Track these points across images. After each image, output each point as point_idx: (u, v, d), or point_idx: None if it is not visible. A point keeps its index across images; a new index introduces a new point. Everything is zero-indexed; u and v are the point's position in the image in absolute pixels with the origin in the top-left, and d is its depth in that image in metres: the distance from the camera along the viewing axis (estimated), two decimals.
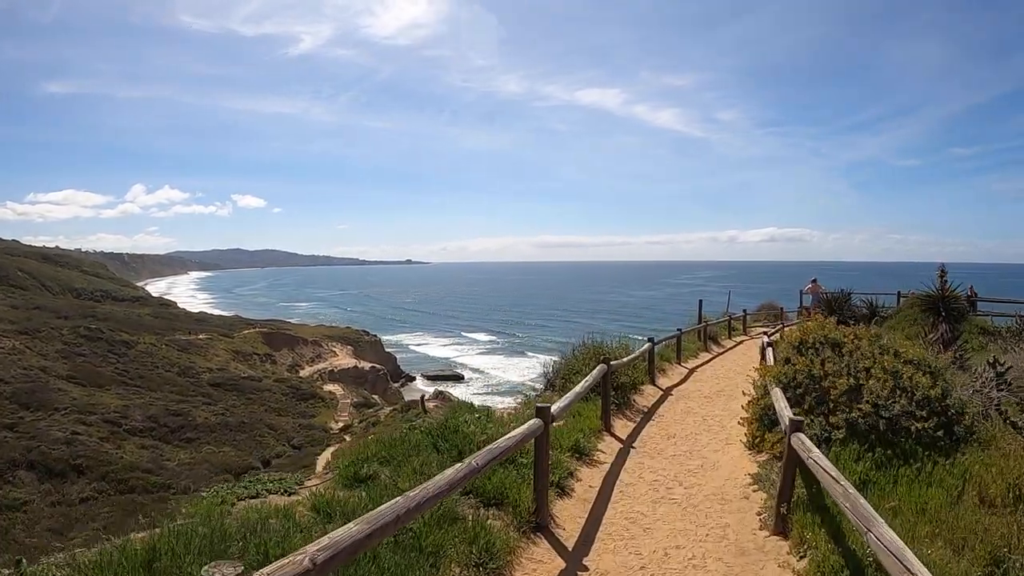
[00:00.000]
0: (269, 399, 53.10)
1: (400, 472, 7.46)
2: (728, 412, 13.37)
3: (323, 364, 67.69)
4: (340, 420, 51.28)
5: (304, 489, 7.98)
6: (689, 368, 20.46)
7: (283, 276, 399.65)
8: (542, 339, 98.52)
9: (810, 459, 5.89)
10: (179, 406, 46.98)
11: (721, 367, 21.20)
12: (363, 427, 46.66)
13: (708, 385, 17.51)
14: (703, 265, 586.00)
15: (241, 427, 45.40)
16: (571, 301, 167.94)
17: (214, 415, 46.63)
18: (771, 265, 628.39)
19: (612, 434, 11.76)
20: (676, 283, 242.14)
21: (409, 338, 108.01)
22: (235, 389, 53.24)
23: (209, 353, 61.14)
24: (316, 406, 54.11)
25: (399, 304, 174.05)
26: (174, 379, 53.49)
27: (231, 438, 43.81)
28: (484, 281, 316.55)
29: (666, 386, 16.98)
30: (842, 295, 27.90)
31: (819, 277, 33.12)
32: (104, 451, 37.67)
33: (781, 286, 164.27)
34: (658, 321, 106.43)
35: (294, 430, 47.24)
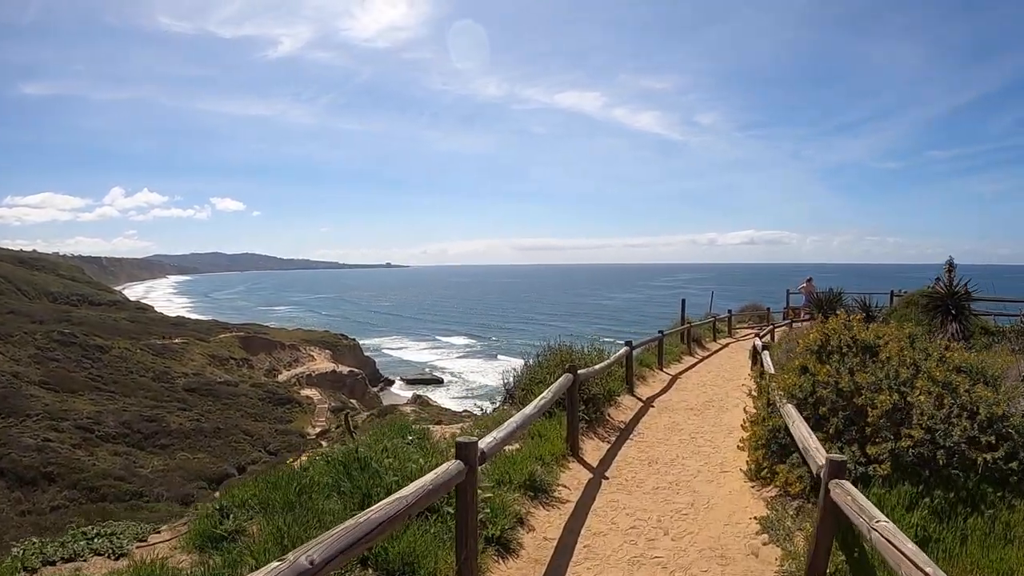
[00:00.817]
0: (245, 404, 52.05)
1: (280, 523, 5.63)
2: (720, 428, 11.87)
3: (301, 368, 66.78)
4: (317, 425, 50.55)
5: (141, 549, 5.87)
6: (672, 375, 18.61)
7: (262, 280, 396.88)
8: (522, 342, 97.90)
9: (874, 533, 3.81)
10: (153, 412, 46.07)
11: (708, 373, 19.47)
12: (340, 432, 46.12)
13: (694, 394, 15.69)
14: (683, 268, 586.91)
15: (216, 433, 44.55)
16: (551, 304, 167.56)
17: (189, 421, 45.76)
18: (751, 267, 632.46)
19: (580, 459, 9.64)
20: (656, 285, 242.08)
21: (388, 342, 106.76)
22: (211, 394, 52.18)
23: (185, 358, 60.06)
24: (293, 411, 53.28)
25: (378, 307, 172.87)
26: (149, 384, 52.50)
27: (206, 444, 42.96)
28: (464, 284, 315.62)
29: (647, 396, 15.15)
30: (833, 294, 26.59)
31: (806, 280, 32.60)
32: (76, 458, 36.82)
33: (761, 288, 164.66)
34: (637, 324, 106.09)
35: (270, 436, 46.39)
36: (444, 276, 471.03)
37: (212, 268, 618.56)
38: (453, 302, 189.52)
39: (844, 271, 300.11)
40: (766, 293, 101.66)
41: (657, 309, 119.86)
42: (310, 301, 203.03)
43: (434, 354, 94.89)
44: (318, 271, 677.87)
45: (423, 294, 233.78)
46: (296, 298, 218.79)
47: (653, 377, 17.94)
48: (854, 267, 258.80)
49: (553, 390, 8.96)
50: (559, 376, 10.00)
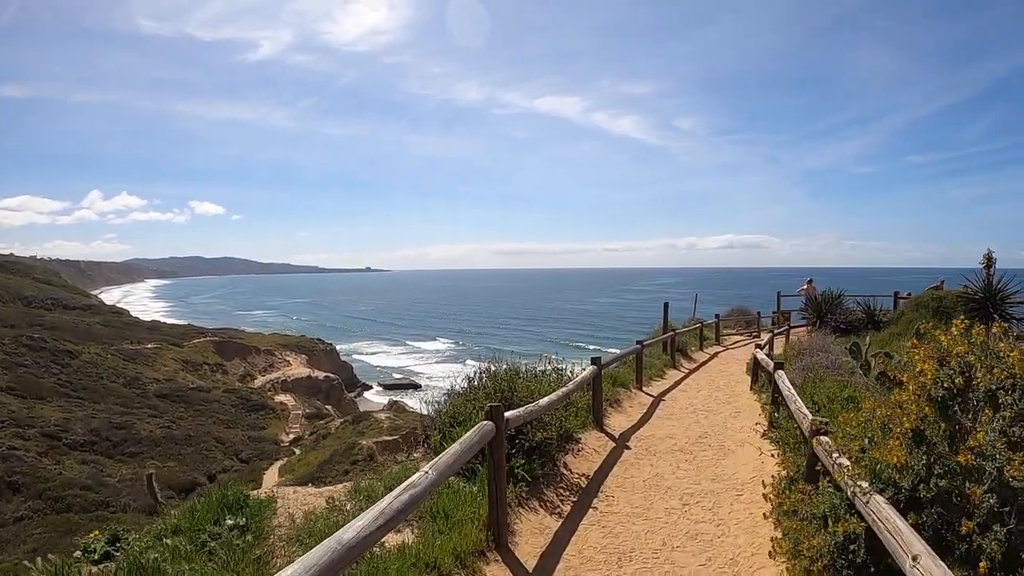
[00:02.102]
0: (218, 410, 50.93)
1: None
2: (723, 483, 8.25)
3: (276, 374, 65.63)
4: (291, 432, 49.55)
5: None
6: (654, 395, 15.01)
7: (241, 284, 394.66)
8: (501, 347, 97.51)
9: None
10: (123, 418, 44.80)
11: (697, 392, 15.93)
12: (313, 439, 45.17)
13: (683, 425, 12.00)
14: (663, 272, 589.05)
15: (187, 440, 43.42)
16: (531, 309, 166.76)
17: (159, 428, 44.55)
18: (730, 271, 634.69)
19: (507, 558, 5.98)
20: (636, 290, 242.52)
21: (366, 346, 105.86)
22: (182, 400, 50.97)
23: (157, 363, 58.74)
24: (267, 417, 52.22)
25: (357, 312, 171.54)
26: (119, 390, 51.16)
27: (176, 452, 41.82)
28: (444, 288, 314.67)
29: (621, 430, 11.36)
30: (833, 296, 24.71)
31: (772, 286, 31.56)
32: (42, 467, 35.68)
33: (741, 291, 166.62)
34: (617, 329, 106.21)
35: (243, 443, 45.29)
36: (424, 280, 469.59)
37: (191, 272, 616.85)
38: (432, 306, 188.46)
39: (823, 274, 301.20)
40: (745, 297, 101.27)
41: (637, 314, 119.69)
42: (288, 305, 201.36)
43: (412, 359, 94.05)
44: (297, 275, 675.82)
45: (402, 298, 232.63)
46: (274, 302, 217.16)
47: (630, 400, 14.23)
48: (833, 271, 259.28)
49: (455, 453, 5.23)
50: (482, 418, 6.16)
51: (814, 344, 15.42)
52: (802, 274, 45.04)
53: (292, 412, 54.12)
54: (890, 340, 17.58)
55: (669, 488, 8.14)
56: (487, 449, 6.01)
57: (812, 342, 16.09)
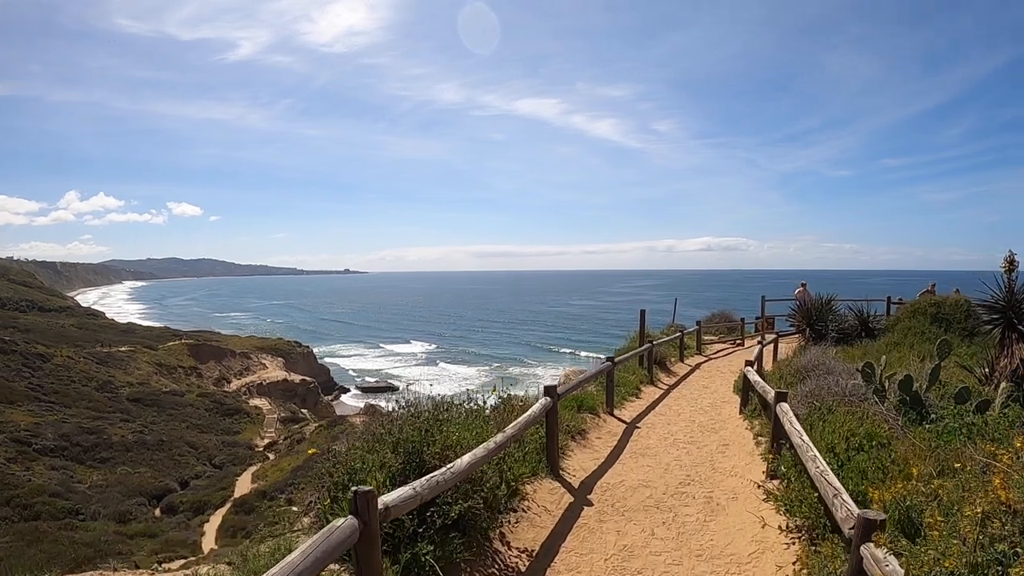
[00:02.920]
0: (191, 415, 50.10)
1: None
2: (713, 561, 6.32)
3: (251, 377, 64.82)
4: (266, 436, 48.83)
5: None
6: (627, 422, 12.70)
7: (218, 286, 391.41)
8: (478, 349, 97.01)
9: None
10: (94, 423, 44.01)
11: (677, 415, 13.50)
12: (288, 444, 44.50)
13: (660, 464, 9.64)
14: (640, 274, 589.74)
15: (159, 446, 42.58)
16: (508, 311, 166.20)
17: (131, 433, 43.69)
18: (708, 274, 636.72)
19: None
20: (614, 292, 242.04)
21: (343, 349, 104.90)
22: (155, 405, 50.11)
23: (130, 366, 57.82)
24: (241, 422, 51.44)
25: (335, 314, 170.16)
26: (91, 394, 50.24)
27: (148, 458, 40.97)
28: (421, 291, 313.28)
29: (582, 474, 8.98)
30: (823, 302, 22.61)
31: (753, 287, 30.64)
32: (10, 473, 34.86)
33: (718, 294, 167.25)
34: (593, 332, 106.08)
35: (216, 448, 44.52)
36: (402, 282, 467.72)
37: (169, 274, 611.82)
38: (409, 309, 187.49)
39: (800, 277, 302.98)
40: (722, 300, 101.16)
41: (615, 316, 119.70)
42: (266, 307, 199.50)
43: (389, 361, 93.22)
44: (275, 277, 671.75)
45: (380, 301, 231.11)
46: (252, 304, 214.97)
47: (598, 429, 11.78)
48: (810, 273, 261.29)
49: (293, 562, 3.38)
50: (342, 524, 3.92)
51: (812, 360, 13.62)
52: (779, 276, 44.93)
53: (267, 416, 53.40)
54: (888, 350, 16.41)
55: (640, 574, 6.05)
56: (353, 554, 4.12)
57: (810, 359, 13.88)
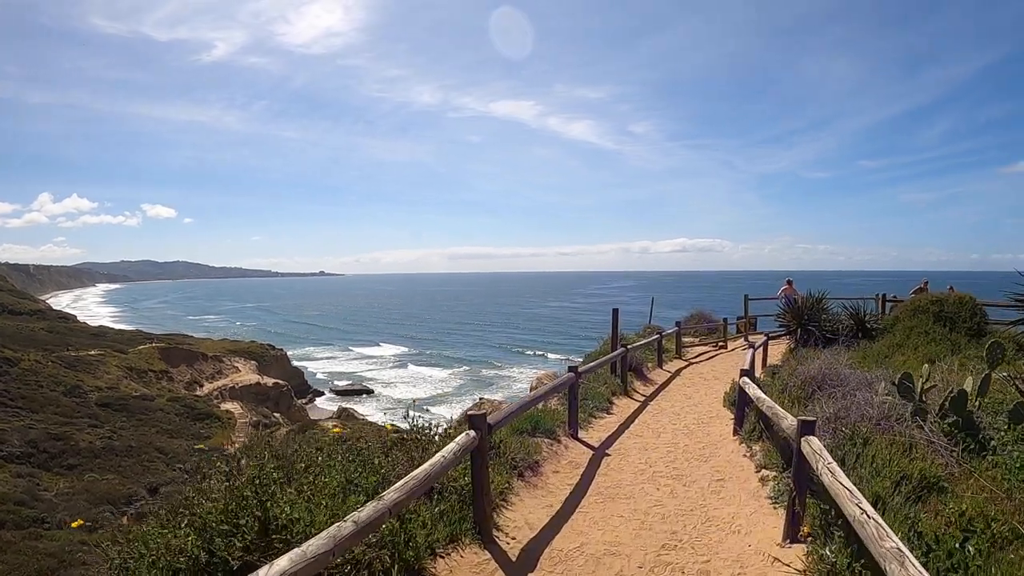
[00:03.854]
0: (161, 420, 48.70)
1: None
2: None
3: (224, 381, 63.55)
4: (237, 441, 47.86)
5: None
6: (594, 447, 10.31)
7: (193, 289, 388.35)
8: (451, 352, 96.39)
9: None
10: (62, 429, 42.71)
11: (657, 437, 11.07)
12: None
13: (636, 514, 7.29)
14: (616, 275, 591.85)
15: (128, 451, 41.46)
16: (484, 313, 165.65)
17: (100, 439, 42.47)
18: (683, 275, 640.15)
19: None
20: (589, 293, 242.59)
21: (318, 351, 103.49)
22: (124, 410, 48.63)
23: (100, 371, 56.28)
24: (212, 426, 50.13)
25: (310, 317, 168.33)
26: (59, 399, 48.77)
27: (116, 464, 39.86)
28: (397, 293, 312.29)
29: (527, 537, 6.64)
30: (815, 300, 21.01)
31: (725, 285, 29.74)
32: None
33: (694, 295, 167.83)
34: (567, 335, 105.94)
35: (187, 453, 43.34)
36: (377, 285, 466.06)
37: (143, 276, 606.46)
38: (386, 311, 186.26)
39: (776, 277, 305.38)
40: (697, 301, 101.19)
41: (589, 318, 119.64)
42: (240, 310, 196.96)
43: (364, 364, 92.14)
44: (250, 280, 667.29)
45: (355, 303, 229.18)
46: (226, 307, 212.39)
47: (556, 459, 9.46)
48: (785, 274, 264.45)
49: None
50: None
51: (823, 369, 11.15)
52: (754, 277, 44.38)
53: (239, 421, 52.28)
54: (890, 352, 15.47)
55: None
56: None
57: (820, 368, 11.33)
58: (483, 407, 27.95)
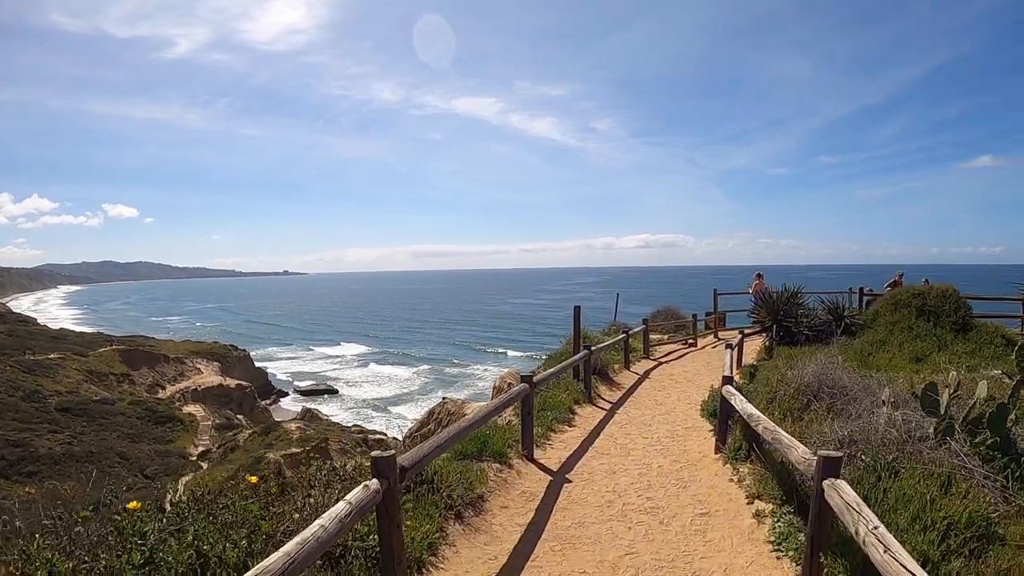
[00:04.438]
0: (123, 424, 47.78)
1: None
2: None
3: (186, 383, 62.65)
4: (200, 445, 47.15)
5: None
6: (551, 472, 8.62)
7: (155, 289, 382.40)
8: (418, 350, 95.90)
9: None
10: (20, 435, 41.80)
11: (626, 457, 9.41)
12: (221, 452, 43.00)
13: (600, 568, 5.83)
14: (580, 272, 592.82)
15: (89, 457, 40.68)
16: (448, 311, 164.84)
17: (60, 444, 41.66)
18: (647, 270, 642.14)
19: None
20: (553, 290, 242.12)
21: (282, 352, 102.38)
22: (85, 414, 47.67)
23: (59, 375, 55.12)
24: (175, 430, 49.40)
25: (273, 316, 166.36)
26: (17, 404, 47.61)
27: (76, 470, 38.99)
28: (361, 291, 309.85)
29: None
30: (791, 294, 19.48)
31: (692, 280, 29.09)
32: None
33: (658, 291, 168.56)
34: (531, 332, 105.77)
35: (148, 458, 42.72)
36: (341, 284, 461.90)
37: (105, 277, 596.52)
38: (349, 310, 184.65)
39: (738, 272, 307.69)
40: (661, 296, 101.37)
41: (553, 314, 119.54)
42: (203, 311, 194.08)
43: (329, 364, 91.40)
44: (214, 280, 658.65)
45: (318, 303, 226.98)
46: (189, 308, 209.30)
47: (506, 490, 7.82)
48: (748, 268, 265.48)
49: None
50: None
51: (820, 374, 9.29)
52: (718, 272, 44.19)
53: (201, 423, 51.56)
54: (874, 349, 14.56)
55: None
56: None
57: (815, 372, 9.40)
58: (447, 406, 27.73)
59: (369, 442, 43.59)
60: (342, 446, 40.60)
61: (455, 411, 24.39)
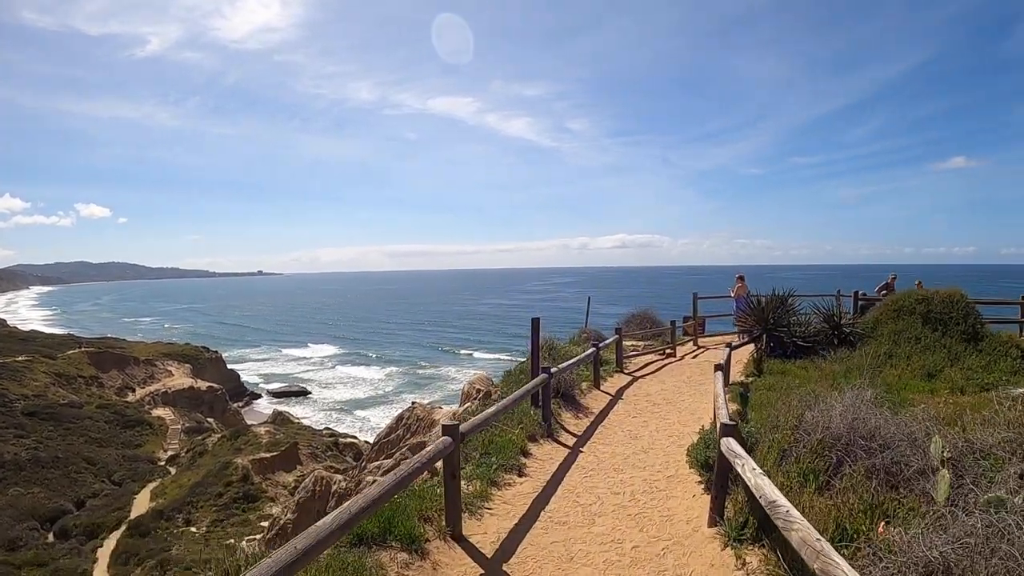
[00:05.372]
0: (90, 428, 46.58)
1: None
2: None
3: (156, 385, 61.32)
4: (169, 449, 46.10)
5: None
6: (484, 561, 5.99)
7: (128, 290, 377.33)
8: (391, 352, 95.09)
9: None
10: None
11: (588, 531, 6.79)
12: (190, 457, 42.04)
13: None
14: (555, 271, 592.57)
15: (55, 463, 39.52)
16: (423, 312, 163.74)
17: (25, 450, 40.39)
18: (622, 270, 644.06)
19: None
20: (529, 290, 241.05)
21: (255, 353, 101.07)
22: (52, 418, 46.32)
23: (26, 378, 53.69)
24: (143, 434, 48.27)
25: (245, 318, 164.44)
26: None
27: (42, 476, 37.93)
28: (336, 292, 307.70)
29: None
30: (781, 299, 17.02)
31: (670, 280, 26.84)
32: None
33: (634, 291, 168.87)
34: (503, 334, 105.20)
35: (116, 463, 41.61)
36: (317, 283, 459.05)
37: (78, 278, 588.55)
38: (324, 311, 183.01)
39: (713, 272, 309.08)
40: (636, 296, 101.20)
41: (528, 314, 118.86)
42: (176, 312, 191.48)
43: (302, 365, 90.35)
44: (188, 280, 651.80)
45: (292, 303, 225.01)
46: (161, 308, 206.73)
47: None
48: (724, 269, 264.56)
49: None
50: None
51: (848, 422, 6.56)
52: (693, 272, 43.43)
53: (171, 427, 50.45)
54: (879, 364, 12.75)
55: None
56: None
57: (841, 418, 6.68)
58: (416, 411, 27.10)
59: (340, 445, 42.90)
60: (312, 450, 39.89)
61: (424, 416, 23.81)
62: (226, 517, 32.27)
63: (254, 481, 34.98)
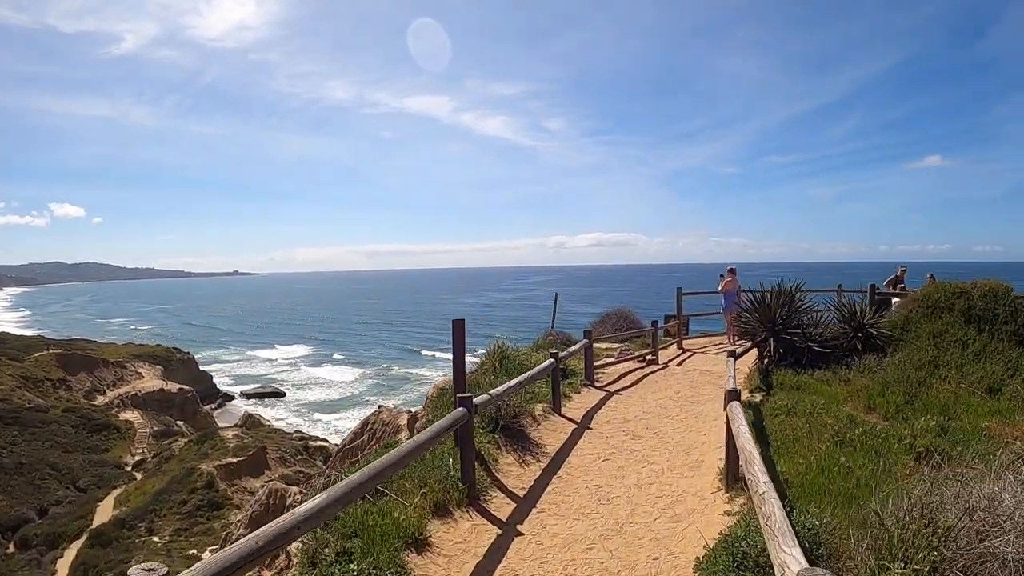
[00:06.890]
0: (56, 432, 45.07)
1: None
2: None
3: (126, 388, 59.74)
4: (136, 453, 44.82)
5: None
6: None
7: (103, 290, 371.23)
8: (366, 353, 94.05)
9: None
10: None
11: None
12: (156, 462, 40.88)
13: None
14: (532, 270, 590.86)
15: (18, 469, 38.14)
16: (400, 311, 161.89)
17: None
18: (598, 269, 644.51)
19: None
20: (504, 289, 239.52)
21: (228, 354, 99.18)
22: (16, 423, 44.76)
23: None
24: (111, 438, 46.84)
25: (222, 317, 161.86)
26: None
27: (5, 483, 36.52)
28: (310, 292, 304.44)
29: None
30: (789, 295, 13.58)
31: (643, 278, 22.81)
32: None
33: (610, 288, 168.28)
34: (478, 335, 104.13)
35: (82, 469, 40.29)
36: (293, 283, 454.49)
37: (52, 279, 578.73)
38: (300, 311, 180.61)
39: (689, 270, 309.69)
40: (612, 294, 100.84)
41: (507, 314, 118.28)
42: (150, 312, 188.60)
43: (276, 366, 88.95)
44: (163, 280, 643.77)
45: (270, 303, 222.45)
46: (136, 309, 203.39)
47: None
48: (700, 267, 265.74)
49: None
50: None
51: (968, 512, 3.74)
52: (669, 270, 42.05)
53: (139, 431, 49.06)
54: (924, 378, 10.33)
55: None
56: None
57: (965, 516, 3.72)
58: (382, 415, 26.27)
59: (310, 449, 41.96)
60: (281, 454, 38.89)
61: (390, 421, 22.97)
62: (190, 526, 31.20)
63: (219, 488, 33.94)
